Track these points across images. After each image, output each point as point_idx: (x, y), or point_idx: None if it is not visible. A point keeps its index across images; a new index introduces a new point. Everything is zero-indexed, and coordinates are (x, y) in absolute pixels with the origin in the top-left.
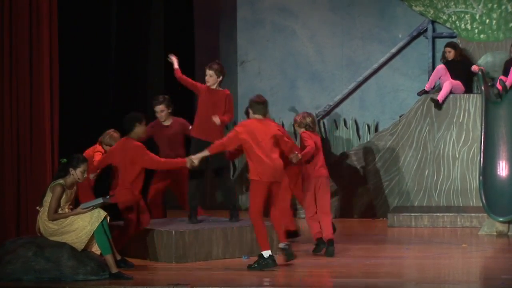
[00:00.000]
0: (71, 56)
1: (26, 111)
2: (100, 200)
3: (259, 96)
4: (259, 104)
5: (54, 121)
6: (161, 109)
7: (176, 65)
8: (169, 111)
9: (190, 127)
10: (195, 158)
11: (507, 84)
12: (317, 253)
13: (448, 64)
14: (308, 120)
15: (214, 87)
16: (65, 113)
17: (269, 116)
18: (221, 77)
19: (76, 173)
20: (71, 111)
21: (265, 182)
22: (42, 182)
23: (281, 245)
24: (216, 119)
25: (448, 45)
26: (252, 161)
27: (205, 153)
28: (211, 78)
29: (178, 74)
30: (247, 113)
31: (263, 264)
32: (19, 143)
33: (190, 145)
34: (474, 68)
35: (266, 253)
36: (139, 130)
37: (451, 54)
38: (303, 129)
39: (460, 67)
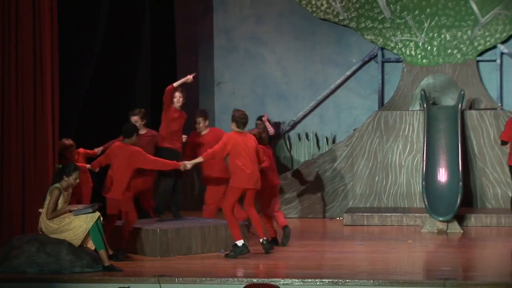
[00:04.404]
0: (70, 74)
1: (30, 123)
2: (89, 210)
3: (242, 112)
4: (242, 119)
5: (55, 132)
6: (135, 120)
7: (178, 83)
8: (143, 122)
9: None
10: (189, 163)
11: None
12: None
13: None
14: (263, 135)
15: (180, 109)
16: (64, 124)
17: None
18: (184, 102)
19: (69, 180)
20: (69, 123)
21: (241, 188)
22: (44, 187)
23: (261, 239)
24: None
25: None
26: (232, 169)
27: (199, 159)
28: (181, 99)
29: (170, 89)
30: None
31: (238, 252)
32: (24, 152)
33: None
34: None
35: (240, 242)
36: (135, 138)
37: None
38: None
39: None
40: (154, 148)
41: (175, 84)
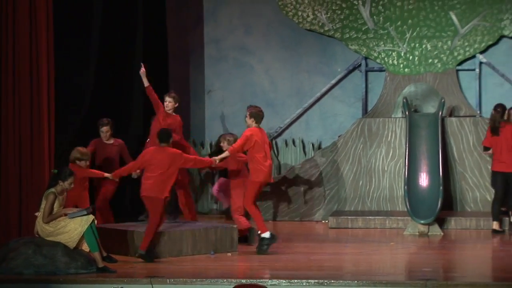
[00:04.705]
0: (65, 79)
1: (27, 130)
2: (84, 212)
3: (259, 108)
4: (260, 115)
5: (51, 138)
6: (106, 130)
7: (146, 83)
8: (111, 132)
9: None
10: (218, 158)
11: None
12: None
13: None
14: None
15: (170, 112)
16: (60, 130)
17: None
18: (177, 104)
19: (64, 184)
20: (64, 128)
21: (262, 182)
22: (40, 192)
23: (263, 234)
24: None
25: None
26: (253, 163)
27: (226, 154)
28: (170, 103)
29: (150, 89)
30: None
31: (269, 243)
32: (21, 159)
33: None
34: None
35: (267, 234)
36: (171, 142)
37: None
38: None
39: None
40: (119, 156)
41: (145, 84)
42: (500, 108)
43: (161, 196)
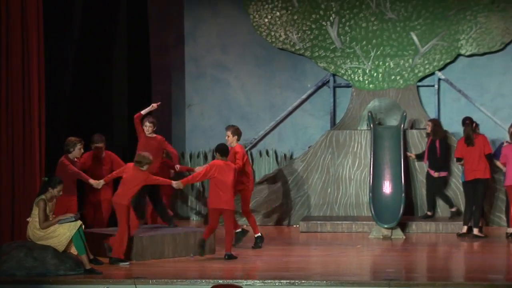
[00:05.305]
0: (56, 94)
1: (19, 138)
2: (72, 219)
3: (238, 127)
4: (240, 133)
5: (42, 146)
6: (81, 147)
7: (144, 111)
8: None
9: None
10: None
11: None
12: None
13: None
14: None
15: (151, 135)
16: (50, 139)
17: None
18: (155, 128)
19: (54, 192)
20: (55, 139)
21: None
22: (32, 198)
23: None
24: (177, 167)
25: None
26: (248, 175)
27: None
28: (150, 128)
29: (138, 116)
30: None
31: (262, 241)
32: (13, 166)
33: None
34: None
35: (260, 234)
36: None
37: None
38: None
39: None
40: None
41: (143, 112)
42: (469, 121)
43: (233, 208)
